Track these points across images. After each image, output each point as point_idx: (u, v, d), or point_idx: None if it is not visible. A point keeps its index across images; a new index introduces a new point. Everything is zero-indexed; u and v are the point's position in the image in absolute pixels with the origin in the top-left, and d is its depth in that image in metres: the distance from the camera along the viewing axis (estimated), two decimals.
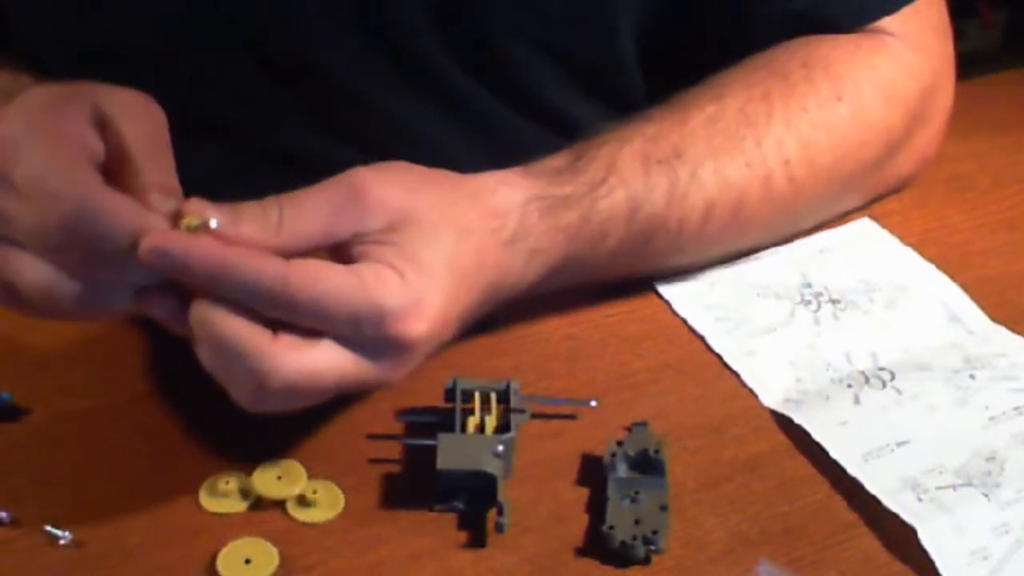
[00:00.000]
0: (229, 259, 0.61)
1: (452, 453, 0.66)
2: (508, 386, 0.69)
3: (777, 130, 0.80)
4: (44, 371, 0.73)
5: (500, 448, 0.66)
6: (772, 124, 0.80)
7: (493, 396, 0.69)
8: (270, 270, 0.61)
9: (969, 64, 0.93)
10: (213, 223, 0.62)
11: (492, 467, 0.65)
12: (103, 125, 0.64)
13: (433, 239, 0.66)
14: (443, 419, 0.69)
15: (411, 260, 0.64)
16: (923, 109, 0.86)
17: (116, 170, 0.64)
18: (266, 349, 0.62)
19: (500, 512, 0.65)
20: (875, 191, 0.87)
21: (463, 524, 0.66)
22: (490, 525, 0.65)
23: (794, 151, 0.80)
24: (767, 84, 0.81)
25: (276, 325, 0.62)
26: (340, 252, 0.65)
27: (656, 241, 0.77)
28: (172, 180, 0.65)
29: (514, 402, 0.69)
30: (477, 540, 0.65)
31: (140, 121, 0.65)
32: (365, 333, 0.63)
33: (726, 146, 0.78)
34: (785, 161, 0.79)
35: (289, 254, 0.63)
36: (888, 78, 0.84)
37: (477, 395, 0.69)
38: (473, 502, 0.66)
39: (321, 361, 0.63)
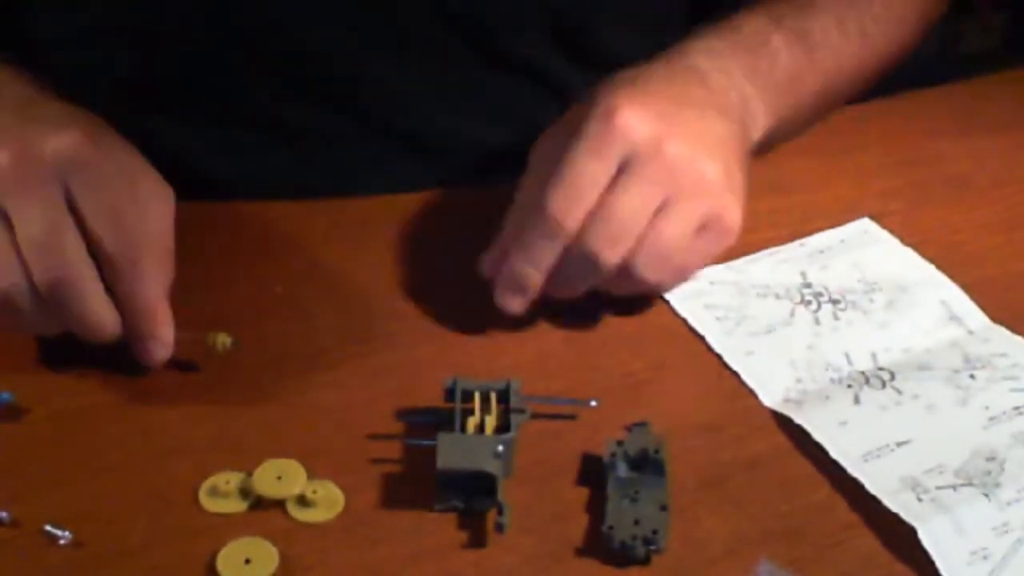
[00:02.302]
0: None
1: (452, 453, 0.66)
2: (508, 386, 0.69)
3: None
4: (44, 371, 0.73)
5: (500, 448, 0.66)
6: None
7: (493, 396, 0.69)
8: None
9: (969, 64, 0.93)
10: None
11: (492, 467, 0.65)
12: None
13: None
14: (443, 419, 0.69)
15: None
16: None
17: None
18: None
19: (500, 512, 0.65)
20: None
21: (463, 524, 0.66)
22: (490, 525, 0.65)
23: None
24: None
25: None
26: None
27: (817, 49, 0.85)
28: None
29: (514, 402, 0.69)
30: (477, 540, 0.65)
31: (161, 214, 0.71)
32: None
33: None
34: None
35: None
36: None
37: (477, 395, 0.69)
38: (473, 502, 0.66)
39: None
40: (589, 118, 0.73)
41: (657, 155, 0.72)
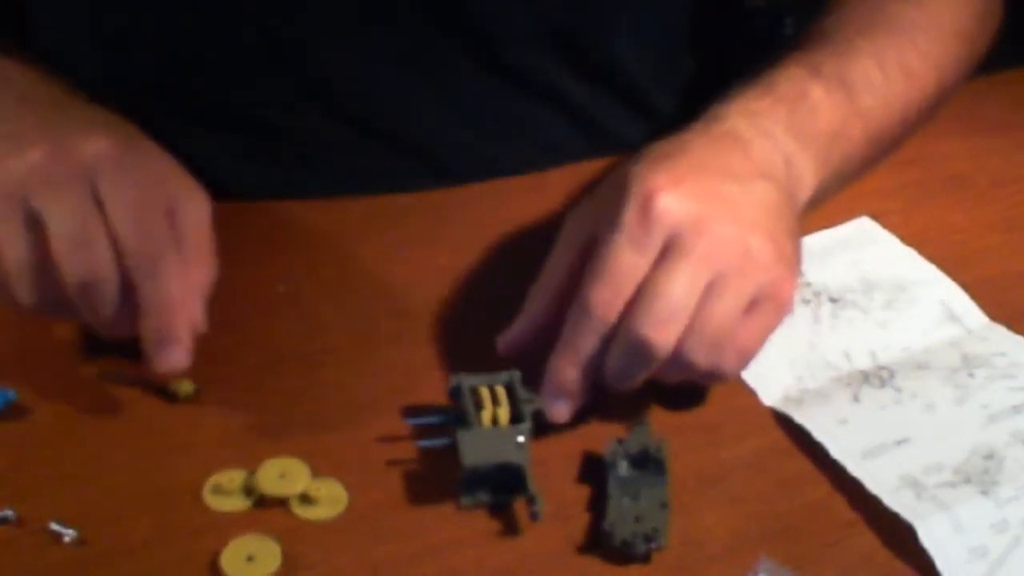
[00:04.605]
0: None
1: (475, 448, 0.66)
2: (511, 377, 0.69)
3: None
4: (48, 370, 0.74)
5: (520, 438, 0.66)
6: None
7: (500, 389, 0.69)
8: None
9: None
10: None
11: (518, 457, 0.66)
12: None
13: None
14: (452, 418, 0.69)
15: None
16: None
17: None
18: None
19: (532, 501, 0.65)
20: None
21: (465, 522, 0.66)
22: (492, 524, 0.66)
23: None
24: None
25: None
26: None
27: (860, 94, 0.81)
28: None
29: (521, 392, 0.69)
30: (478, 538, 0.65)
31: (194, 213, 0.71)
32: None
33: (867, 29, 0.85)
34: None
35: None
36: None
37: (485, 389, 0.69)
38: (500, 495, 0.66)
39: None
40: (626, 202, 0.68)
41: (701, 235, 0.68)
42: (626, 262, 0.68)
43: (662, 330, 0.66)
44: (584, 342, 0.68)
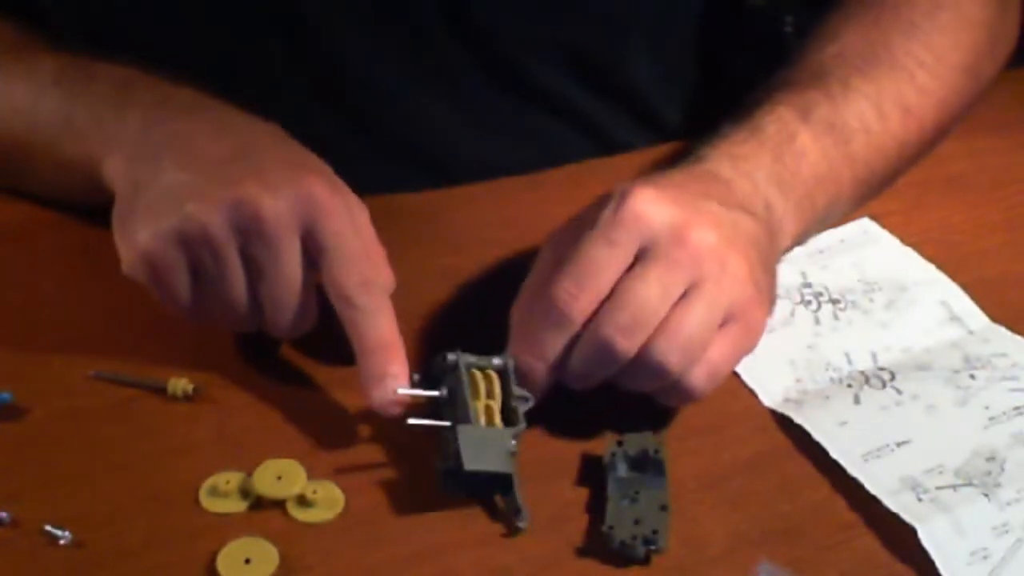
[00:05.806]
0: None
1: (475, 451, 0.65)
2: (506, 363, 0.68)
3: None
4: (44, 371, 0.73)
5: (512, 443, 0.66)
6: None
7: (494, 377, 0.68)
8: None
9: None
10: None
11: (511, 467, 0.65)
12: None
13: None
14: (446, 399, 0.68)
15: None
16: None
17: None
18: None
19: (517, 513, 0.65)
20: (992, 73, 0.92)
21: (463, 524, 0.66)
22: (490, 526, 0.66)
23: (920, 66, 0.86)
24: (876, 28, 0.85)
25: None
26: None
27: (853, 141, 0.81)
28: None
29: (516, 390, 0.68)
30: (477, 540, 0.65)
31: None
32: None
33: (867, 66, 0.84)
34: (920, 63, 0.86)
35: None
36: None
37: (479, 374, 0.68)
38: (484, 493, 0.66)
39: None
40: (606, 206, 0.68)
41: (679, 241, 0.66)
42: (594, 256, 0.67)
43: (627, 335, 0.66)
44: (544, 336, 0.68)
